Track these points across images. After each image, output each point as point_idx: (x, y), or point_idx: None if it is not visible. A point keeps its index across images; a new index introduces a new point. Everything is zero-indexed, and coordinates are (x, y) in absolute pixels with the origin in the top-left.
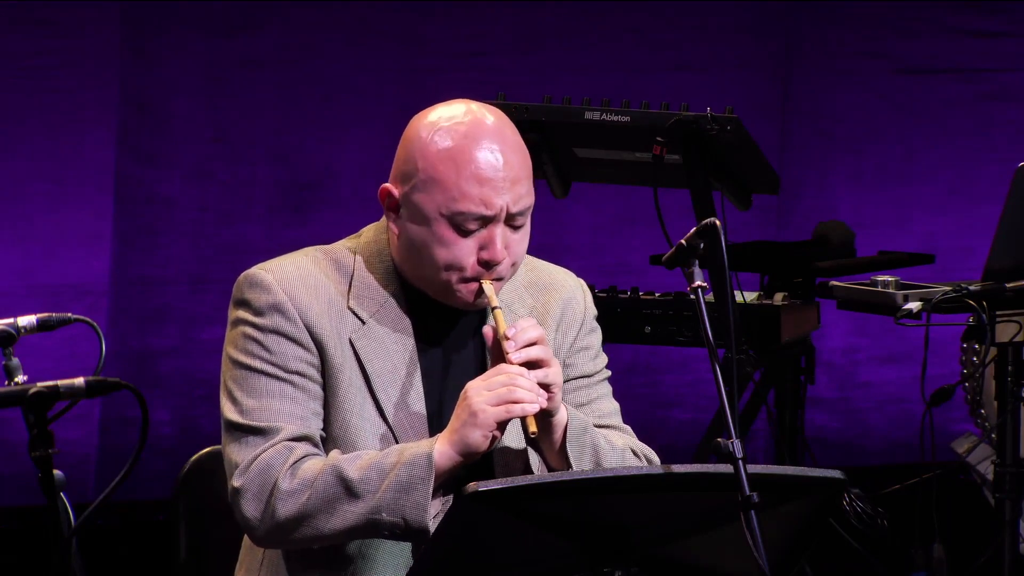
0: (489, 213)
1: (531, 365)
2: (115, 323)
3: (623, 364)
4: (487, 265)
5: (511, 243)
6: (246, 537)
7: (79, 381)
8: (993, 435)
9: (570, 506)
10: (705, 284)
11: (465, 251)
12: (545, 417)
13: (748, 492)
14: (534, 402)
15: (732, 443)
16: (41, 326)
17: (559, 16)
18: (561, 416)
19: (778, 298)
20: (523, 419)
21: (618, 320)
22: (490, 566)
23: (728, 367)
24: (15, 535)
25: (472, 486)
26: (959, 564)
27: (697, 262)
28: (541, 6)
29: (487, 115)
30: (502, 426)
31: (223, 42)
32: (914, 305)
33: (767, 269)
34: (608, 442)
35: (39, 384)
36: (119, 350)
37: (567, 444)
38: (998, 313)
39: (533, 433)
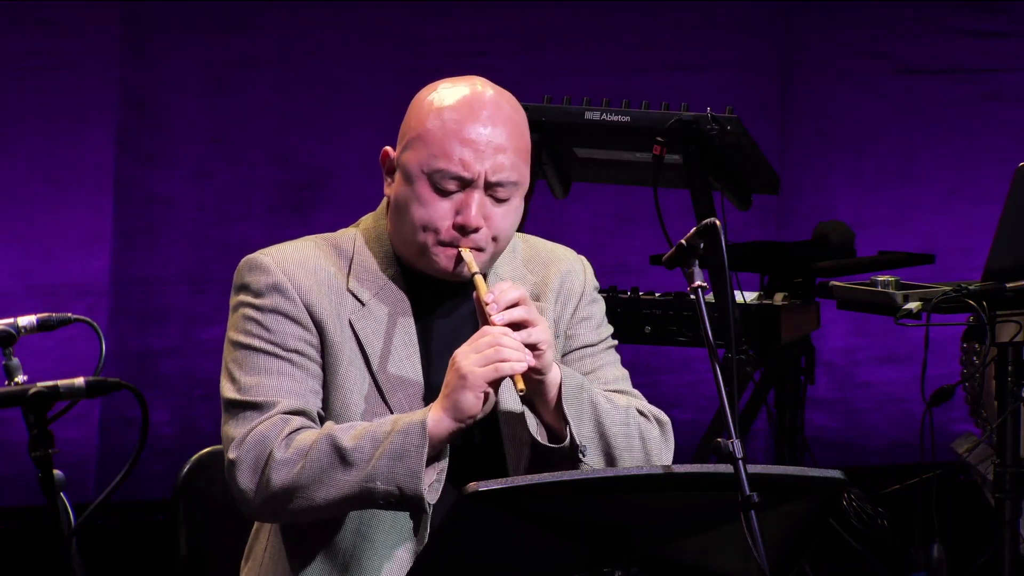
0: (466, 175)
1: (515, 326)
2: (115, 323)
3: (623, 364)
4: (462, 230)
5: (492, 215)
6: (253, 528)
7: (79, 381)
8: (993, 435)
9: (570, 506)
10: (705, 284)
11: (441, 212)
12: (536, 376)
13: (748, 492)
14: (521, 360)
15: (732, 443)
16: (41, 326)
17: (559, 16)
18: (554, 376)
19: (778, 298)
20: (512, 378)
21: (618, 320)
22: (490, 566)
23: (728, 367)
24: (15, 535)
25: (472, 486)
26: (959, 564)
27: (697, 262)
28: (541, 6)
29: (489, 89)
30: (494, 387)
31: (223, 42)
32: (914, 305)
33: (767, 269)
34: (609, 400)
35: (39, 384)
36: (119, 350)
37: (563, 403)
38: (998, 313)
39: (521, 391)
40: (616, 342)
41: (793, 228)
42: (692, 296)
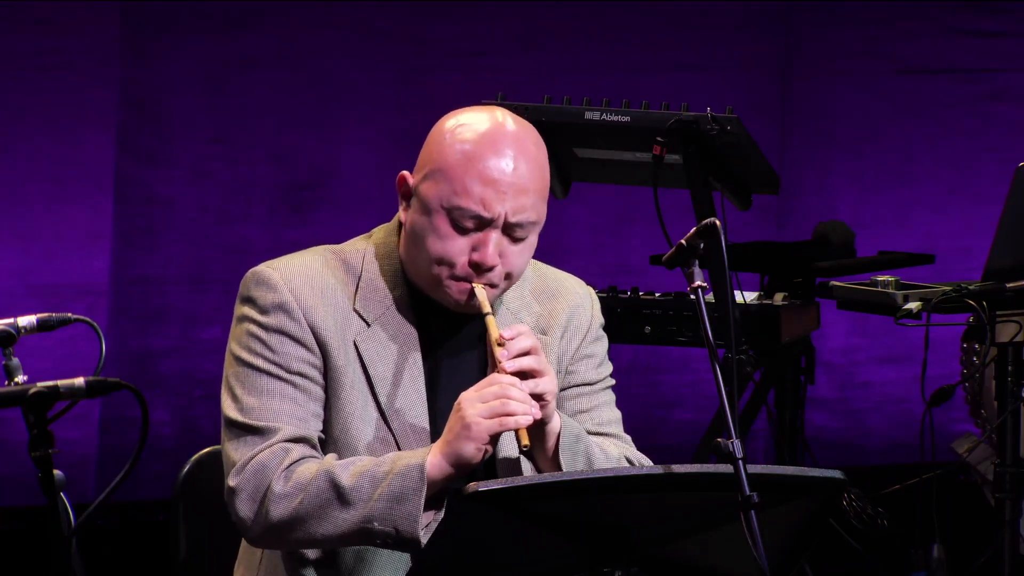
0: (486, 215)
1: (524, 375)
2: (115, 323)
3: (623, 364)
4: (477, 268)
5: (508, 253)
6: None
7: (79, 381)
8: (993, 435)
9: (570, 506)
10: (705, 284)
11: (457, 248)
12: (538, 426)
13: (748, 492)
14: (527, 414)
15: (732, 443)
16: (41, 326)
17: (559, 16)
18: (554, 424)
19: (778, 298)
20: (516, 431)
21: (618, 320)
22: (490, 566)
23: (728, 367)
24: (15, 535)
25: (472, 486)
26: (959, 564)
27: (697, 262)
28: (541, 6)
29: (511, 123)
30: (495, 439)
31: (223, 42)
32: (914, 305)
33: (767, 269)
34: (602, 451)
35: (39, 384)
36: (119, 350)
37: (559, 452)
38: (998, 313)
39: (525, 446)
40: (614, 382)
41: (793, 228)
42: (692, 296)
